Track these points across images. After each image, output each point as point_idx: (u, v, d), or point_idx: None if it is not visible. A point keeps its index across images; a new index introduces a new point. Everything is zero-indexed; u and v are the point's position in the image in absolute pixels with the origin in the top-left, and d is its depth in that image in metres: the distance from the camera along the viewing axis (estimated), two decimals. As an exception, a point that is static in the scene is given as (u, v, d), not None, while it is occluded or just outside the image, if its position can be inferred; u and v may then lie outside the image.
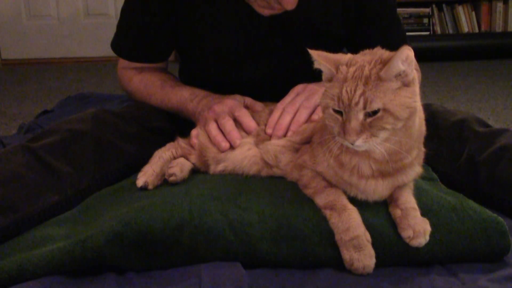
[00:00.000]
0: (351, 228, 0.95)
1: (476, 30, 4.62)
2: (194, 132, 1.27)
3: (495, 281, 0.93)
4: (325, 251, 0.98)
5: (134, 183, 1.15)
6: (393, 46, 0.95)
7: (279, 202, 1.03)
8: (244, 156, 1.18)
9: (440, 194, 1.07)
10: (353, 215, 0.97)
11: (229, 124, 1.22)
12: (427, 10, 4.59)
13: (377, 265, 0.95)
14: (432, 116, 1.29)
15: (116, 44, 1.51)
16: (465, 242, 0.99)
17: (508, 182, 1.17)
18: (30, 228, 1.07)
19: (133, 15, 1.44)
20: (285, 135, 1.19)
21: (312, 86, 1.27)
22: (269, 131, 1.20)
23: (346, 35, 1.46)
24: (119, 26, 1.49)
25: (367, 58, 0.94)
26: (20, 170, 1.11)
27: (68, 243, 0.96)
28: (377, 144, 0.92)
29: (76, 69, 4.27)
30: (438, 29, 4.61)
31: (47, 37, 4.60)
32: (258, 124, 1.23)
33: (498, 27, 4.64)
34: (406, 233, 0.96)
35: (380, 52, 0.96)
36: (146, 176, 1.15)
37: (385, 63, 0.91)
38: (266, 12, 1.33)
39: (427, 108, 1.07)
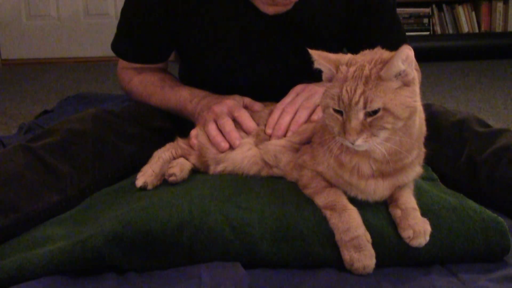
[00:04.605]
0: (351, 228, 0.95)
1: (476, 30, 4.62)
2: (193, 132, 1.27)
3: (495, 281, 0.93)
4: (325, 251, 0.98)
5: (134, 183, 1.15)
6: (393, 46, 0.95)
7: (279, 202, 1.03)
8: (244, 156, 1.17)
9: (440, 194, 1.07)
10: (353, 215, 0.97)
11: (228, 125, 1.21)
12: (427, 10, 4.58)
13: (377, 265, 0.95)
14: (432, 116, 1.28)
15: (116, 45, 1.51)
16: (465, 242, 0.99)
17: (508, 182, 1.17)
18: (30, 228, 1.07)
19: (133, 16, 1.44)
20: (284, 135, 1.19)
21: (312, 86, 1.27)
22: (268, 131, 1.20)
23: (346, 35, 1.46)
24: (119, 27, 1.49)
25: (367, 58, 0.94)
26: (20, 170, 1.11)
27: (68, 243, 0.96)
28: (377, 144, 0.92)
29: (76, 69, 4.27)
30: (438, 29, 4.61)
31: (47, 37, 4.59)
32: (257, 124, 1.23)
33: (498, 27, 4.64)
34: (406, 233, 0.96)
35: (380, 52, 0.96)
36: (145, 176, 1.15)
37: (385, 62, 0.91)
38: (270, 10, 1.33)
39: (427, 108, 1.08)
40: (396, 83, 0.91)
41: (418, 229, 0.96)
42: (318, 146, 1.05)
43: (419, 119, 0.98)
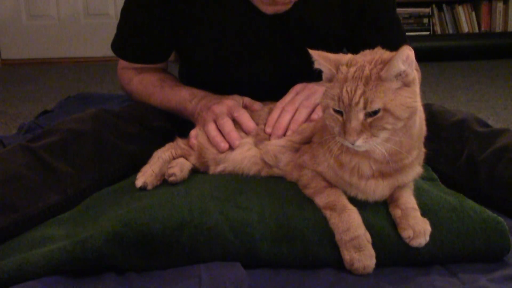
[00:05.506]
0: (351, 228, 0.95)
1: (476, 30, 4.62)
2: (193, 132, 1.27)
3: (495, 281, 0.93)
4: (325, 251, 0.98)
5: (134, 183, 1.15)
6: (393, 46, 0.95)
7: (279, 202, 1.03)
8: (243, 156, 1.17)
9: (440, 194, 1.07)
10: (353, 216, 0.97)
11: (228, 125, 1.21)
12: (427, 10, 4.58)
13: (377, 265, 0.95)
14: (432, 116, 1.29)
15: (116, 45, 1.51)
16: (465, 242, 0.99)
17: (508, 182, 1.17)
18: (30, 228, 1.07)
19: (133, 16, 1.44)
20: (284, 134, 1.19)
21: (311, 85, 1.27)
22: (268, 130, 1.20)
23: (346, 35, 1.46)
24: (119, 27, 1.49)
25: (367, 58, 0.94)
26: (20, 170, 1.11)
27: (68, 243, 0.96)
28: (377, 144, 0.92)
29: (76, 69, 4.27)
30: (438, 29, 4.61)
31: (47, 37, 4.59)
32: (257, 123, 1.23)
33: (498, 27, 4.63)
34: (406, 233, 0.96)
35: (380, 52, 0.96)
36: (145, 176, 1.15)
37: (385, 63, 0.90)
38: (269, 9, 1.32)
39: (427, 108, 1.08)
40: (396, 83, 0.91)
41: (418, 229, 0.96)
42: (318, 146, 1.05)
43: (419, 119, 0.98)
